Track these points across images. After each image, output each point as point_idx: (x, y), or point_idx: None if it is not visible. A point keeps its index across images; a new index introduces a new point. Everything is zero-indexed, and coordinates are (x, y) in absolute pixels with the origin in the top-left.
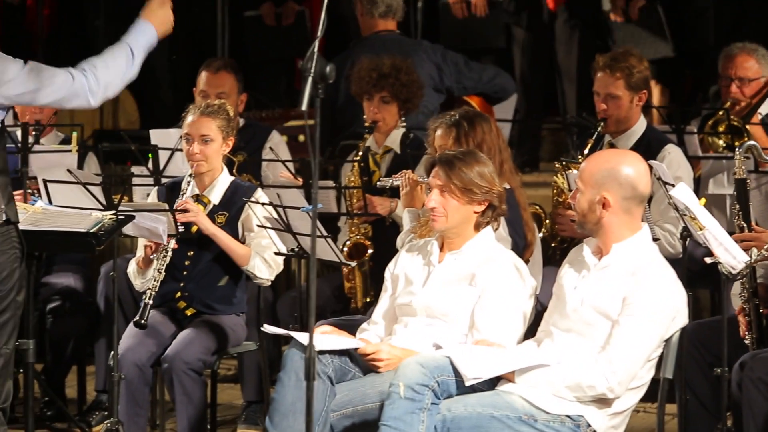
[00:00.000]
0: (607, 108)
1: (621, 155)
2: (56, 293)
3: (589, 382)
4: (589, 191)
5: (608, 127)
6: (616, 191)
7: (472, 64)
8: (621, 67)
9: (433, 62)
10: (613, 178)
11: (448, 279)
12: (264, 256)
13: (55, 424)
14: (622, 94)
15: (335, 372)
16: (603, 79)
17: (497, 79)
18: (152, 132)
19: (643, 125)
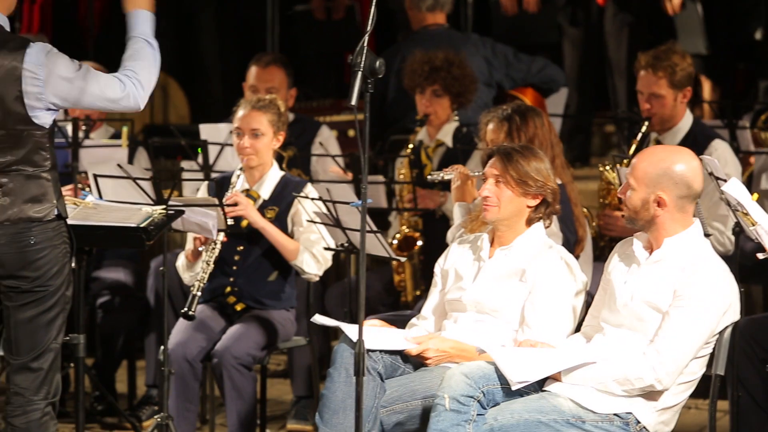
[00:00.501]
0: (651, 107)
1: (675, 153)
2: (106, 288)
3: (636, 374)
4: (642, 189)
5: (653, 126)
6: (671, 190)
7: (521, 55)
8: (664, 66)
9: (482, 56)
10: (669, 177)
11: (499, 274)
12: (313, 251)
13: (105, 419)
14: (666, 93)
15: (385, 368)
16: (646, 78)
17: (546, 69)
18: (202, 127)
19: (689, 121)
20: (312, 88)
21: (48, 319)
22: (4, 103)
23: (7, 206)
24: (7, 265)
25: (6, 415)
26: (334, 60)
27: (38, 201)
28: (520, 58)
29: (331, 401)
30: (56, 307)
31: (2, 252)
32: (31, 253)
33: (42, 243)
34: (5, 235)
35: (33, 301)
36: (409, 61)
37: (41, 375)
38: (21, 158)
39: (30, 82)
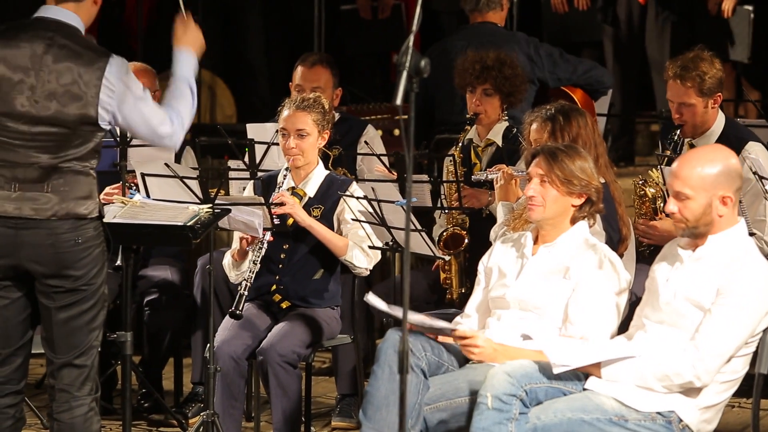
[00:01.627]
0: (682, 115)
1: (718, 150)
2: (153, 286)
3: (675, 370)
4: (702, 195)
5: (685, 133)
6: (731, 186)
7: (568, 56)
8: (692, 76)
9: (525, 54)
10: (726, 174)
11: (542, 272)
12: (362, 246)
13: (152, 416)
14: (696, 101)
15: (429, 365)
16: (674, 88)
17: (593, 71)
18: (249, 126)
19: (721, 124)
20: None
21: (89, 318)
22: (78, 106)
23: (55, 203)
24: (51, 265)
25: (52, 412)
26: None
27: (85, 198)
28: (567, 58)
29: (375, 398)
30: (97, 305)
31: (48, 252)
32: (77, 252)
33: (87, 242)
34: (52, 235)
35: (75, 302)
36: (460, 59)
37: (85, 372)
38: (75, 155)
39: (107, 93)
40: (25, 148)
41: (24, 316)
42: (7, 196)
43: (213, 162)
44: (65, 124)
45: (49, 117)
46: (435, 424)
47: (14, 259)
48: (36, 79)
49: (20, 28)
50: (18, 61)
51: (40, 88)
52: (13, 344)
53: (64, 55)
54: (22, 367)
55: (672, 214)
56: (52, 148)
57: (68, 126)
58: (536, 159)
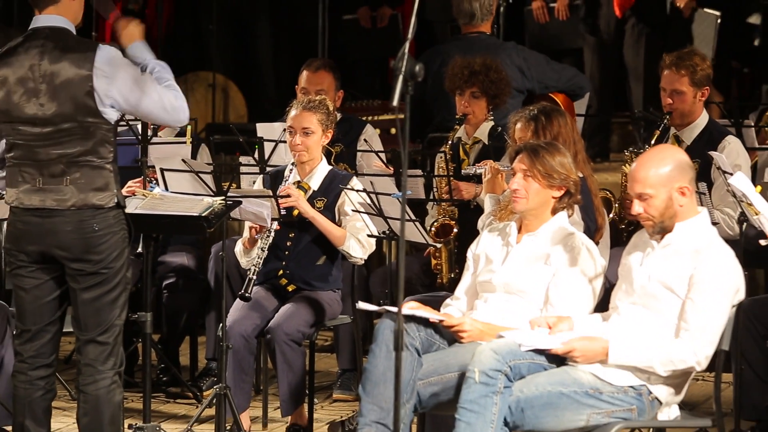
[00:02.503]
0: (673, 102)
1: (664, 149)
2: (171, 271)
3: (680, 357)
4: (661, 191)
5: (673, 120)
6: (685, 177)
7: (554, 64)
8: (686, 65)
9: (515, 65)
10: (678, 168)
11: (525, 258)
12: (358, 237)
13: (169, 389)
14: (687, 90)
15: (422, 344)
16: (669, 76)
17: (576, 79)
18: (258, 125)
19: (705, 119)
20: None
21: (112, 298)
22: (77, 98)
23: (74, 194)
24: (74, 250)
25: (78, 384)
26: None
27: (101, 190)
28: (553, 67)
29: (373, 374)
30: (119, 287)
31: (69, 238)
32: (94, 238)
33: (104, 229)
34: (71, 223)
35: (98, 283)
36: (450, 65)
37: (108, 348)
38: (89, 149)
39: (100, 80)
40: (43, 147)
41: (53, 297)
42: (33, 190)
43: (226, 158)
44: (70, 119)
45: (54, 116)
46: (427, 398)
47: (42, 246)
48: (38, 85)
49: (18, 45)
50: (20, 73)
51: (42, 91)
52: (43, 321)
53: (57, 56)
54: (51, 343)
55: (639, 215)
56: (66, 143)
57: (73, 120)
58: (519, 155)
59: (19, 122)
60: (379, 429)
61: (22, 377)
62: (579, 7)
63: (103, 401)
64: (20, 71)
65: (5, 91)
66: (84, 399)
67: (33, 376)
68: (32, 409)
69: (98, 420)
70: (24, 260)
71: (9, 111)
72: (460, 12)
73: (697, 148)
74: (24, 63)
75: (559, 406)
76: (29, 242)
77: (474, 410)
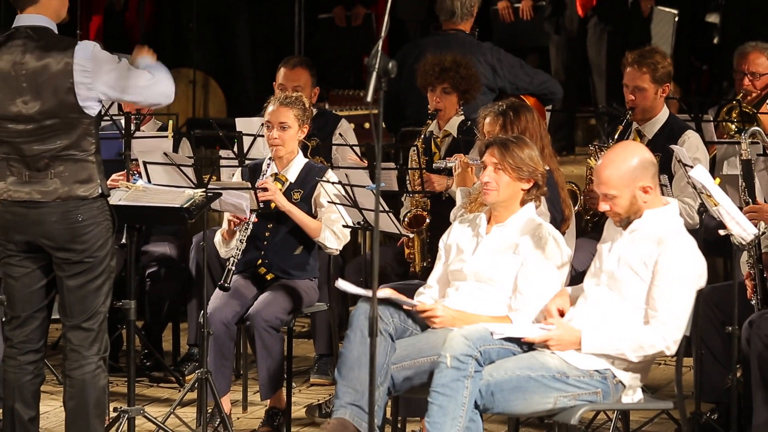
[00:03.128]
0: (635, 98)
1: (625, 148)
2: (154, 260)
3: (650, 342)
4: (624, 191)
5: (635, 116)
6: (646, 176)
7: (527, 68)
8: (647, 63)
9: (488, 64)
10: (639, 168)
11: (495, 248)
12: (333, 228)
13: (153, 373)
14: (648, 86)
15: (395, 329)
16: (631, 74)
17: (547, 84)
18: (238, 120)
19: (666, 114)
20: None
21: (96, 286)
22: (58, 94)
23: (58, 187)
24: (58, 239)
25: (65, 369)
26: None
27: (85, 182)
28: (527, 71)
29: (348, 359)
30: (103, 275)
31: (54, 228)
32: (78, 228)
33: (88, 220)
34: (56, 213)
35: (82, 271)
36: (422, 62)
37: (93, 334)
38: (71, 144)
39: (80, 75)
40: (28, 143)
41: (41, 285)
42: (20, 183)
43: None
44: (53, 116)
45: (37, 113)
46: (401, 381)
47: (28, 236)
48: (20, 83)
49: (0, 44)
50: (3, 72)
51: (26, 89)
52: (32, 308)
53: (38, 55)
54: (40, 329)
55: (606, 212)
56: (49, 139)
57: (56, 116)
58: (489, 149)
59: (3, 119)
60: (354, 410)
61: (12, 362)
62: (544, 7)
63: (88, 385)
64: (4, 69)
65: None
66: (70, 383)
67: (22, 361)
68: (21, 393)
69: (84, 403)
70: (13, 250)
71: None
72: (442, 9)
73: (659, 142)
74: (8, 61)
75: (528, 390)
76: (17, 232)
77: (446, 393)
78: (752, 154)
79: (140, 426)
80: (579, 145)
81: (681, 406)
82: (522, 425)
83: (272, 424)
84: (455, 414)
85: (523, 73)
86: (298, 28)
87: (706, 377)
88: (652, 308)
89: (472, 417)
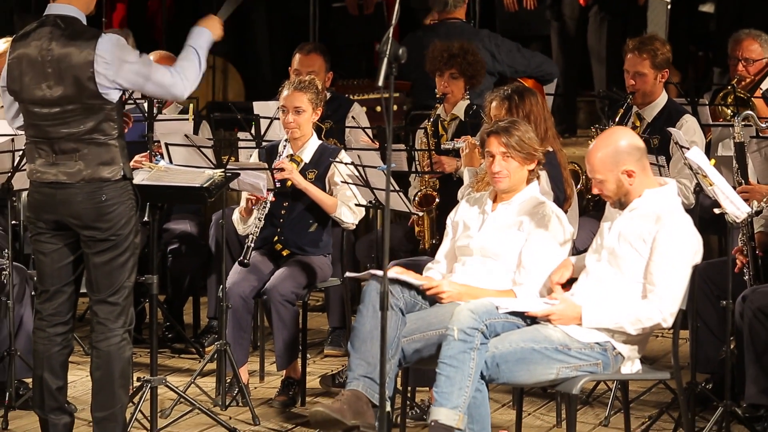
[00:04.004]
0: (635, 83)
1: (609, 134)
2: (175, 237)
3: (647, 315)
4: (609, 175)
5: (636, 100)
6: (629, 159)
7: (524, 51)
8: (648, 49)
9: (487, 50)
10: (620, 152)
11: (500, 225)
12: (349, 204)
13: (174, 345)
14: (648, 72)
15: (406, 304)
16: (632, 59)
17: (544, 65)
18: (255, 104)
19: (664, 98)
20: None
21: (121, 262)
22: (79, 81)
23: (82, 169)
24: (84, 218)
25: (92, 341)
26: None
27: (108, 164)
28: (524, 54)
29: (361, 332)
30: (127, 252)
31: (80, 208)
32: (103, 208)
33: (112, 199)
34: (81, 194)
35: (107, 248)
36: (430, 48)
37: (118, 308)
38: (93, 128)
39: (102, 66)
40: (53, 126)
41: (69, 260)
42: (47, 165)
43: (225, 134)
44: (74, 101)
45: (60, 98)
46: (411, 353)
47: (56, 215)
48: (46, 68)
49: (31, 30)
50: (31, 56)
51: (50, 74)
52: (61, 282)
53: (63, 42)
54: (68, 302)
55: (598, 194)
56: (72, 123)
57: (78, 102)
58: (494, 138)
59: (30, 103)
60: (367, 383)
61: (42, 334)
62: None
63: (114, 357)
64: (32, 54)
65: (18, 71)
66: (96, 354)
67: (51, 333)
68: (50, 364)
69: (110, 374)
70: (42, 228)
71: (21, 91)
72: (434, 1)
73: (657, 125)
74: (35, 46)
75: (531, 361)
76: (45, 212)
77: (453, 365)
78: (745, 136)
79: (162, 395)
80: (581, 128)
81: (677, 376)
82: (526, 395)
83: (288, 393)
84: (462, 384)
85: (521, 57)
86: (312, 16)
87: (702, 349)
88: (650, 283)
89: (478, 387)
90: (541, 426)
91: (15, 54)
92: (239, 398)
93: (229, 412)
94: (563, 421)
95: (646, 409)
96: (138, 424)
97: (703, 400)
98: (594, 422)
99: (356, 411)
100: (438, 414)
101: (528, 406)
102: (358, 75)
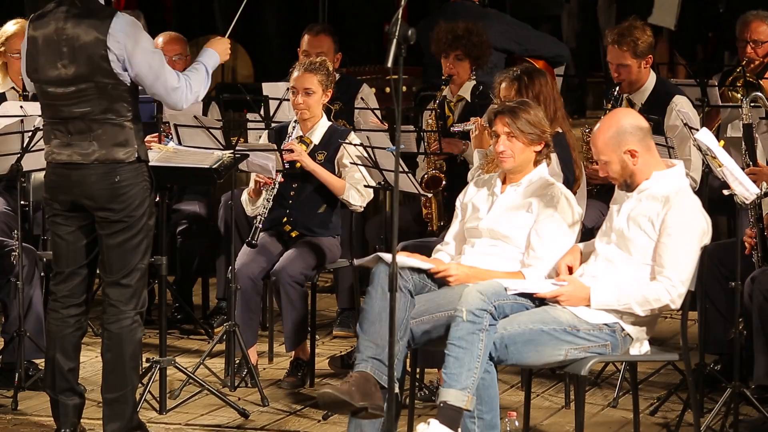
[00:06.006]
0: (620, 75)
1: (612, 116)
2: (184, 218)
3: (655, 296)
4: (613, 156)
5: (623, 89)
6: (630, 141)
7: (532, 31)
8: (627, 41)
9: (496, 29)
10: (623, 132)
11: (509, 206)
12: (357, 187)
13: (183, 326)
14: (631, 62)
15: (415, 286)
16: (613, 52)
17: (554, 48)
18: (264, 85)
19: (653, 81)
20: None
21: (134, 244)
22: (93, 60)
23: (96, 149)
24: (99, 199)
25: (103, 323)
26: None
27: (122, 145)
28: (533, 33)
29: (369, 314)
30: (140, 234)
31: (94, 188)
32: (117, 189)
33: (126, 181)
34: (95, 174)
35: (121, 230)
36: (435, 30)
37: (131, 290)
38: (107, 108)
39: (114, 45)
40: (67, 106)
41: (84, 243)
42: (62, 145)
43: (234, 115)
44: (88, 80)
45: (75, 76)
46: (420, 335)
47: (71, 195)
48: (61, 47)
49: (48, 10)
50: (47, 36)
51: (65, 53)
52: (76, 264)
53: (78, 21)
54: (82, 284)
55: (606, 176)
56: (86, 102)
57: (91, 81)
58: (499, 118)
59: (45, 83)
60: (375, 364)
61: (55, 315)
62: None
63: (125, 339)
64: (47, 34)
65: (35, 51)
66: (108, 336)
67: (65, 315)
68: (63, 345)
69: (120, 356)
70: (58, 209)
71: (36, 71)
72: None
73: (649, 108)
74: (51, 26)
75: (540, 342)
76: (61, 192)
77: (462, 346)
78: (754, 118)
79: (171, 375)
80: (590, 109)
81: (686, 357)
82: (534, 376)
83: (296, 374)
84: (471, 365)
85: (533, 36)
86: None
87: (710, 330)
88: (658, 264)
89: (487, 368)
90: (550, 407)
91: (31, 35)
92: (248, 379)
93: (238, 393)
94: (572, 402)
95: (655, 391)
96: (147, 405)
97: (712, 381)
98: (602, 403)
99: (365, 392)
100: (447, 395)
101: (537, 387)
102: (367, 56)
